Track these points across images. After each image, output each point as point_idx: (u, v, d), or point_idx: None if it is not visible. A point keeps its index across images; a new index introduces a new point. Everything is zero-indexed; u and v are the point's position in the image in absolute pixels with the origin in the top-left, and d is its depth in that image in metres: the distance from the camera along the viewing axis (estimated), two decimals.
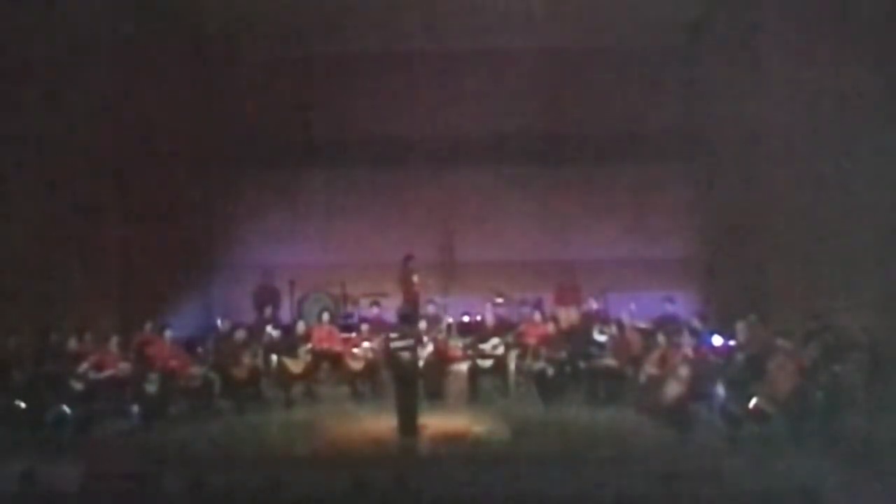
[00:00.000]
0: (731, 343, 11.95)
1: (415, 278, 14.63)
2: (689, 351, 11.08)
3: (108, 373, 11.46)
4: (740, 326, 11.85)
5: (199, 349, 12.71)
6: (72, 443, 10.36)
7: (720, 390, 10.67)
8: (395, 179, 16.78)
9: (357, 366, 12.77)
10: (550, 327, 13.03)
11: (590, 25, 15.54)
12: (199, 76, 16.58)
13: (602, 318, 13.60)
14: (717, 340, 12.13)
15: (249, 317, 14.70)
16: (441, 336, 13.18)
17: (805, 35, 12.69)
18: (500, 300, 14.40)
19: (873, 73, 11.34)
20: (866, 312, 11.14)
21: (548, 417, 11.63)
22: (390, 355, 12.33)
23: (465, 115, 16.59)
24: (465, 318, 14.80)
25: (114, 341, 11.85)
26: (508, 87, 16.60)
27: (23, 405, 10.65)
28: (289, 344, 12.88)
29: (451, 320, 14.66)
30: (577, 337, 12.95)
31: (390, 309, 14.37)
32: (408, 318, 13.45)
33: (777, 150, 13.67)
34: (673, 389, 10.75)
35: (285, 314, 15.33)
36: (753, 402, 10.11)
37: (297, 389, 12.60)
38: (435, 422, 11.21)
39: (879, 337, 10.84)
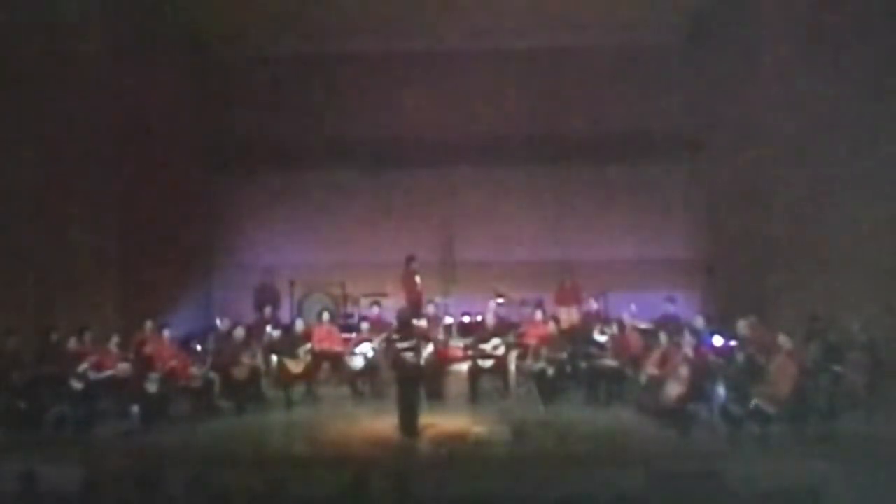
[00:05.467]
0: (732, 343, 11.95)
1: (417, 279, 14.63)
2: (689, 351, 11.08)
3: (108, 373, 11.46)
4: (741, 326, 11.85)
5: (199, 349, 12.68)
6: (72, 443, 10.36)
7: (720, 390, 10.67)
8: (395, 179, 16.79)
9: (357, 366, 12.77)
10: (551, 327, 13.01)
11: (590, 25, 15.54)
12: (199, 76, 16.58)
13: (602, 318, 13.60)
14: (717, 340, 12.13)
15: (249, 317, 14.69)
16: (441, 337, 13.17)
17: (804, 34, 12.70)
18: (500, 300, 14.39)
19: (873, 73, 11.35)
20: (866, 312, 11.14)
21: (548, 417, 11.63)
22: (393, 356, 12.29)
23: (465, 115, 16.60)
24: (466, 319, 14.82)
25: (114, 341, 11.85)
26: (508, 87, 16.62)
27: (23, 405, 10.65)
28: (289, 344, 12.86)
29: (451, 320, 14.69)
30: (577, 337, 12.94)
31: (390, 309, 14.36)
32: (410, 318, 13.41)
33: (777, 151, 13.67)
34: (673, 389, 10.75)
35: (285, 314, 15.32)
36: (753, 402, 10.11)
37: (297, 389, 12.59)
38: (435, 422, 11.21)
39: (879, 337, 10.84)
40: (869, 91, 11.53)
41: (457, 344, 13.63)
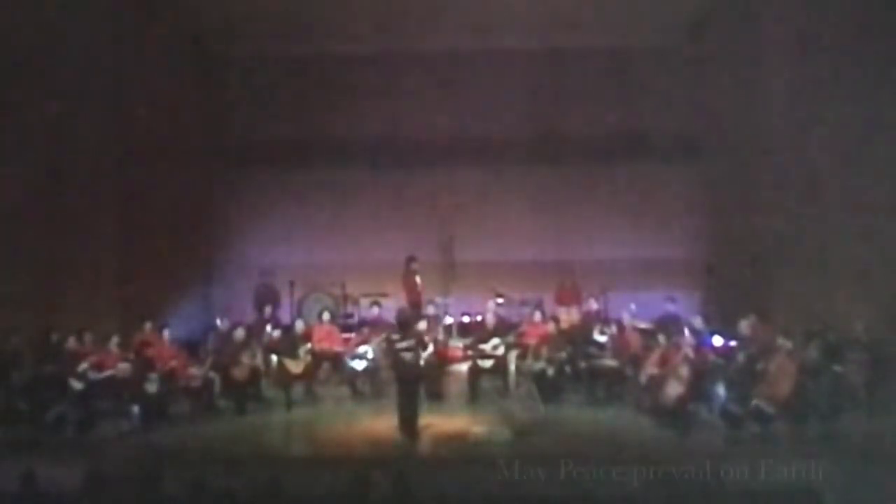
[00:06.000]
0: (731, 343, 11.95)
1: (418, 279, 14.62)
2: (689, 351, 11.08)
3: (108, 373, 11.46)
4: (741, 326, 11.84)
5: (199, 349, 12.67)
6: (72, 443, 10.36)
7: (720, 390, 10.67)
8: (395, 179, 16.78)
9: (357, 366, 12.77)
10: (551, 327, 13.01)
11: (590, 25, 15.54)
12: (199, 76, 16.58)
13: (602, 318, 13.60)
14: (717, 340, 12.13)
15: (249, 317, 14.68)
16: (440, 337, 13.16)
17: (804, 35, 12.70)
18: (500, 300, 14.38)
19: (872, 73, 11.35)
20: (866, 312, 11.13)
21: (548, 417, 11.63)
22: (393, 356, 12.29)
23: (465, 115, 16.60)
24: (466, 319, 14.81)
25: (114, 341, 11.85)
26: (508, 87, 16.61)
27: (23, 405, 10.64)
28: (289, 344, 12.86)
29: (451, 320, 14.68)
30: (577, 337, 12.94)
31: (390, 309, 14.35)
32: (411, 318, 13.40)
33: (777, 151, 13.67)
34: (673, 389, 10.75)
35: (285, 314, 15.32)
36: (753, 402, 10.11)
37: (297, 389, 12.59)
38: (435, 422, 11.21)
39: (879, 337, 10.84)
40: (869, 91, 11.52)
41: (456, 344, 13.64)
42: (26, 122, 12.39)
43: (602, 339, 12.70)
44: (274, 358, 12.76)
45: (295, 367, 12.58)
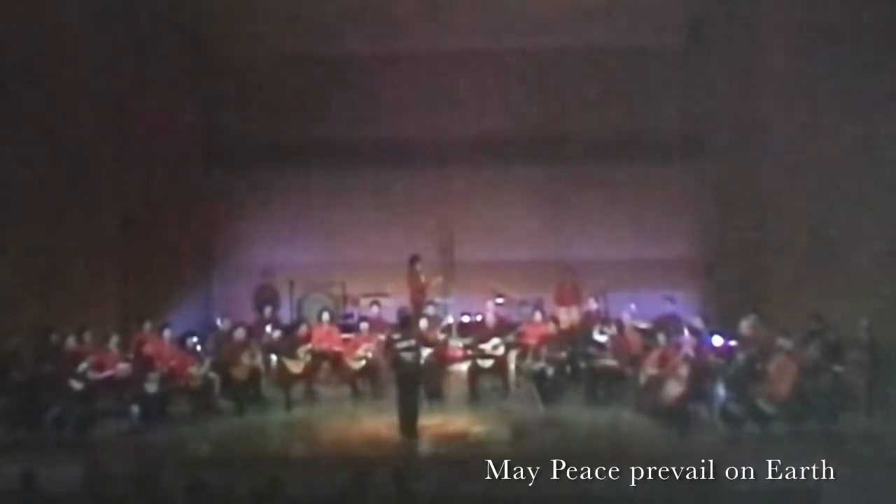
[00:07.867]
0: (731, 343, 11.95)
1: (422, 278, 14.62)
2: (689, 351, 11.08)
3: (108, 373, 11.46)
4: (742, 325, 11.84)
5: (199, 349, 12.67)
6: (72, 443, 10.36)
7: (720, 390, 10.67)
8: (395, 179, 16.77)
9: (357, 366, 12.77)
10: (551, 327, 13.01)
11: (590, 26, 15.53)
12: (200, 76, 16.58)
13: (602, 318, 13.59)
14: (717, 340, 12.13)
15: (249, 317, 14.68)
16: (440, 338, 13.16)
17: (804, 35, 12.70)
18: (500, 300, 14.38)
19: (873, 73, 11.36)
20: (866, 312, 11.14)
21: (548, 417, 11.63)
22: (393, 356, 12.30)
23: (465, 115, 16.59)
24: (466, 319, 14.80)
25: (114, 341, 11.84)
26: (509, 87, 16.61)
27: (23, 405, 10.64)
28: (289, 344, 12.86)
29: (451, 320, 14.67)
30: (577, 337, 12.94)
31: (390, 309, 14.35)
32: (411, 318, 13.41)
33: (777, 151, 13.67)
34: (673, 389, 10.76)
35: (285, 314, 15.31)
36: (754, 401, 10.11)
37: (297, 389, 12.59)
38: (435, 422, 11.21)
39: (879, 337, 10.85)
40: (868, 91, 11.53)
41: (457, 344, 13.63)
42: (26, 122, 12.39)
43: (602, 339, 12.70)
44: (274, 358, 12.77)
45: (295, 367, 12.58)
